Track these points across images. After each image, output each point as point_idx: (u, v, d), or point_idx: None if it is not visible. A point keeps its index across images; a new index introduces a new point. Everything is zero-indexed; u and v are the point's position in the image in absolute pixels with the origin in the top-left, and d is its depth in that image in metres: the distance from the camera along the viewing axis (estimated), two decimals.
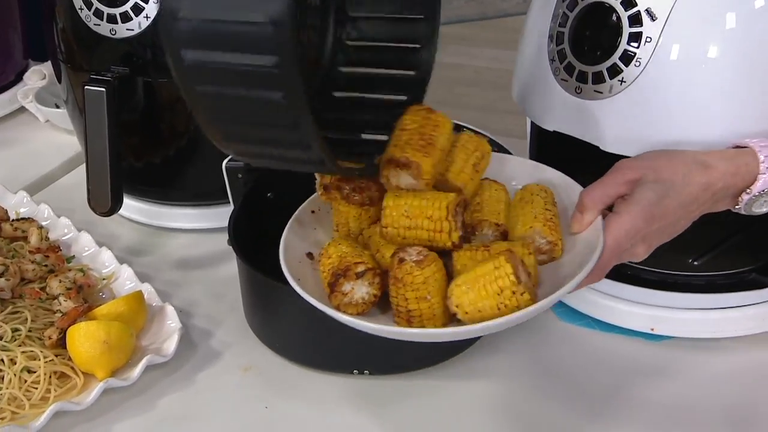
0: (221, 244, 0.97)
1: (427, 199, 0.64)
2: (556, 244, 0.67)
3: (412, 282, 0.61)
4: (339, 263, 0.64)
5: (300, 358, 0.83)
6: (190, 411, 0.79)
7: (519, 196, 0.72)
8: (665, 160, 0.67)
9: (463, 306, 0.61)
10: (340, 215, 0.69)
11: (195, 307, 0.91)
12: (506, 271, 0.60)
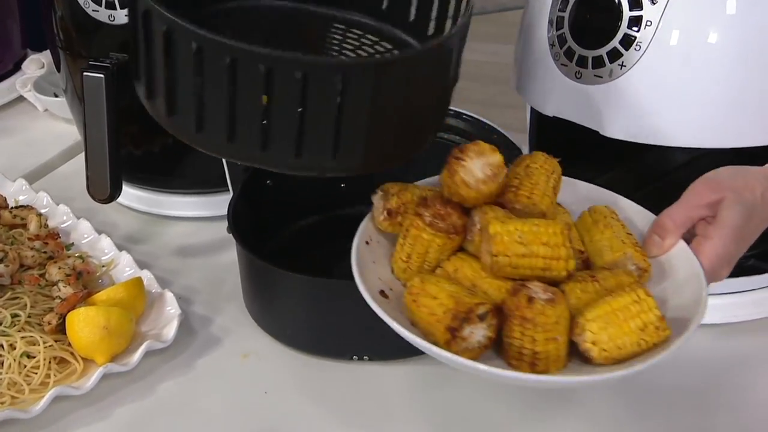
0: (220, 232, 0.97)
1: (537, 225, 0.60)
2: (646, 270, 0.65)
3: (544, 323, 0.56)
4: (456, 305, 0.57)
5: (299, 344, 0.83)
6: (190, 396, 0.79)
7: (591, 220, 0.68)
8: (741, 179, 0.66)
9: (600, 343, 0.57)
10: (420, 244, 0.63)
11: (194, 294, 0.91)
12: (650, 305, 0.58)
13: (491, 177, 0.62)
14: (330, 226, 0.99)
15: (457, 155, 0.62)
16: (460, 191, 0.63)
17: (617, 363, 0.58)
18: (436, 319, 0.58)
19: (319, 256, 0.95)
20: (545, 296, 0.57)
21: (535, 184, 0.66)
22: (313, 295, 0.81)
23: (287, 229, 0.98)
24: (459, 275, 0.63)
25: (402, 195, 0.66)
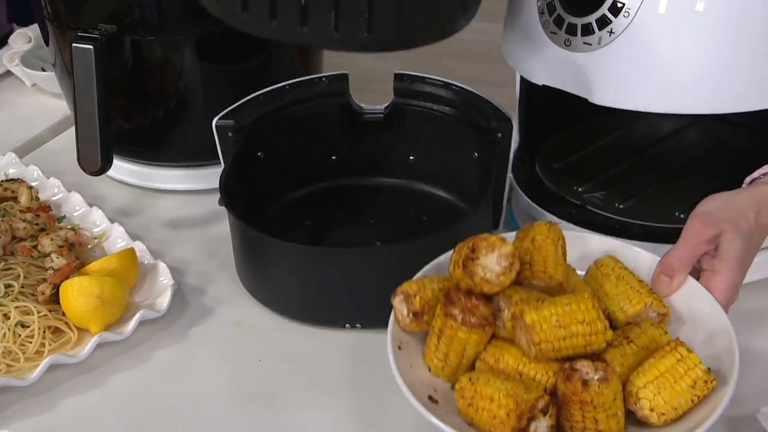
0: (212, 204, 0.97)
1: (568, 304, 0.61)
2: (666, 315, 0.67)
3: (603, 402, 0.57)
4: (517, 405, 0.57)
5: (293, 313, 0.84)
6: (184, 364, 0.80)
7: (600, 274, 0.69)
8: (733, 209, 0.69)
9: (658, 408, 0.59)
10: (457, 343, 0.63)
11: (187, 265, 0.92)
12: (694, 361, 0.60)
13: (508, 267, 0.63)
14: (321, 197, 1.00)
15: (471, 255, 0.63)
16: (483, 289, 0.64)
17: (674, 422, 0.60)
18: (500, 421, 0.59)
19: (311, 227, 0.96)
20: (597, 376, 0.58)
21: (546, 257, 0.68)
22: (306, 264, 0.82)
23: (278, 201, 0.99)
24: (502, 365, 0.63)
25: (423, 294, 0.67)
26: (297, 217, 0.97)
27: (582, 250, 0.72)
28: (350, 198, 1.00)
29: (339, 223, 0.98)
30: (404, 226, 0.96)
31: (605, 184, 0.90)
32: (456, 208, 0.97)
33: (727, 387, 0.60)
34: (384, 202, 1.00)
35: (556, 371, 0.60)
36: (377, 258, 0.81)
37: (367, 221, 0.97)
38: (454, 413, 0.61)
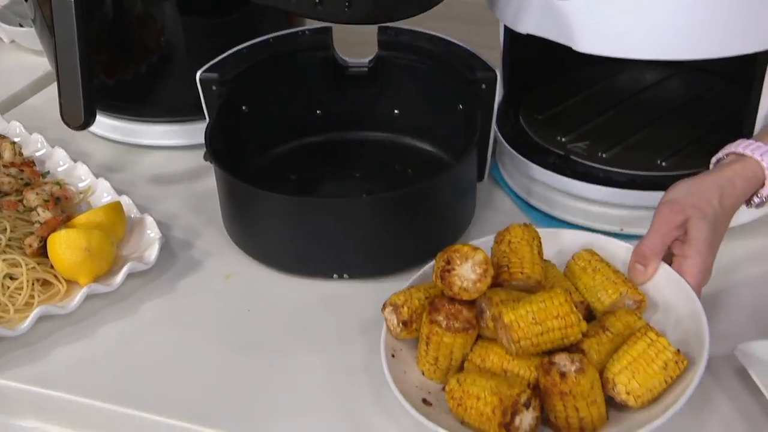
0: (197, 160, 0.97)
1: (542, 301, 0.64)
2: (642, 302, 0.70)
3: (581, 391, 0.60)
4: (501, 401, 0.60)
5: (281, 264, 0.85)
6: (174, 315, 0.80)
7: (578, 267, 0.73)
8: (698, 195, 0.71)
9: (634, 391, 0.61)
10: (444, 347, 0.66)
11: (173, 220, 0.92)
12: (663, 344, 0.63)
13: (483, 274, 0.67)
14: (306, 152, 1.00)
15: (446, 268, 0.67)
16: (462, 296, 0.67)
17: (651, 403, 0.62)
18: (487, 418, 0.61)
19: (297, 181, 0.97)
20: (574, 367, 0.61)
21: (522, 258, 0.71)
22: (293, 215, 0.83)
23: (263, 156, 0.99)
24: (488, 364, 0.66)
25: (410, 304, 0.70)
26: (282, 172, 0.97)
27: (559, 246, 0.76)
28: (335, 152, 1.01)
29: (324, 177, 0.98)
30: (390, 179, 0.97)
31: (588, 134, 0.92)
32: (441, 161, 0.97)
33: (698, 366, 0.62)
34: (369, 156, 1.00)
35: (537, 365, 0.64)
36: (364, 208, 0.82)
37: (352, 175, 0.98)
38: (448, 413, 0.64)
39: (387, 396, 0.68)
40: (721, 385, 0.67)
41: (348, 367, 0.73)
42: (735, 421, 0.65)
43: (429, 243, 0.83)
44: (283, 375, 0.73)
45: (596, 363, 0.64)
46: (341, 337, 0.77)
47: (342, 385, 0.71)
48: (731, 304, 0.76)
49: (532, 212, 0.91)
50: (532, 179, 0.90)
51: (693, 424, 0.64)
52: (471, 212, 0.89)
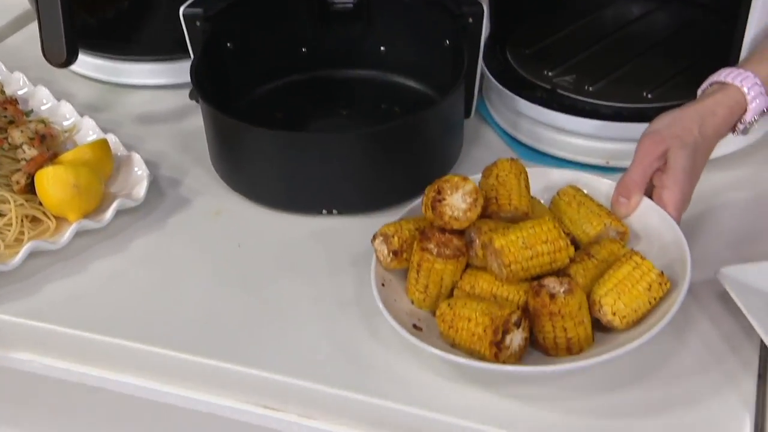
0: (182, 99, 0.97)
1: (531, 227, 0.66)
2: (625, 233, 0.72)
3: (570, 312, 0.62)
4: (492, 321, 0.62)
5: (269, 200, 0.86)
6: (164, 251, 0.81)
7: (563, 202, 0.74)
8: (678, 125, 0.72)
9: (620, 312, 0.63)
10: (435, 274, 0.68)
11: (161, 158, 0.92)
12: (648, 267, 0.65)
13: (473, 203, 0.68)
14: (292, 90, 1.00)
15: (437, 197, 0.68)
16: (453, 226, 0.68)
17: (635, 324, 0.64)
18: (478, 338, 0.63)
19: (283, 119, 0.97)
20: (563, 288, 0.62)
21: (510, 190, 0.73)
22: (281, 150, 0.83)
23: (249, 95, 0.99)
24: (477, 290, 0.68)
25: (401, 234, 0.71)
26: (268, 110, 0.97)
27: (545, 183, 0.77)
28: (322, 90, 1.01)
29: (311, 115, 0.98)
30: (377, 116, 0.97)
31: (575, 68, 0.92)
32: (428, 98, 0.98)
33: (681, 288, 0.64)
34: (356, 94, 1.00)
35: (526, 290, 0.65)
36: (351, 143, 0.82)
37: (339, 112, 0.98)
38: (437, 338, 0.66)
39: (378, 325, 0.70)
40: (703, 308, 0.69)
41: (338, 299, 0.74)
42: (716, 342, 0.67)
43: (417, 178, 0.84)
44: (274, 307, 0.74)
45: (582, 287, 0.66)
46: (331, 270, 0.78)
47: (333, 316, 0.73)
48: (713, 231, 0.78)
49: (518, 147, 0.92)
50: (519, 114, 0.91)
51: (675, 344, 0.66)
52: (458, 148, 0.90)
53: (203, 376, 0.71)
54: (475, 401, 0.64)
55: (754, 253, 0.74)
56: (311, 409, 0.68)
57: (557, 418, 0.62)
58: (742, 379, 0.64)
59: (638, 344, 0.61)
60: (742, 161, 0.85)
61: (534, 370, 0.63)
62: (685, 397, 0.63)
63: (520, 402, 0.63)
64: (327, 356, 0.69)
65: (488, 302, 0.65)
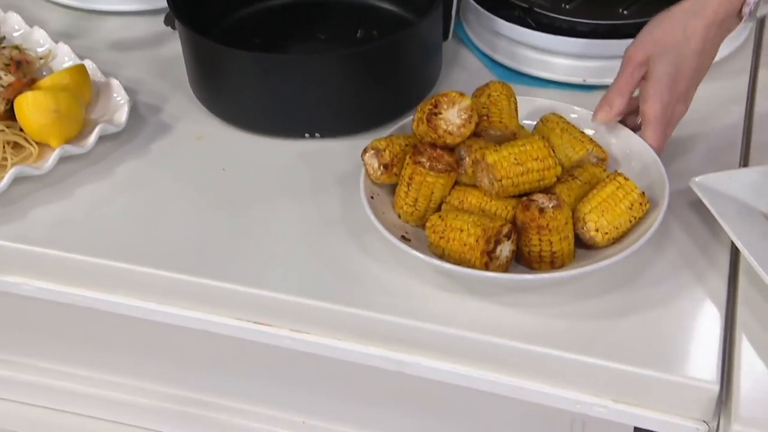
0: (157, 25, 0.97)
1: (523, 145, 0.68)
2: (605, 159, 0.74)
3: (557, 226, 0.65)
4: (484, 231, 0.64)
5: (251, 125, 0.86)
6: (149, 176, 0.82)
7: (546, 129, 0.76)
8: (660, 28, 0.71)
9: (602, 228, 0.66)
10: (426, 188, 0.69)
11: (139, 85, 0.92)
12: (630, 187, 0.67)
13: (468, 120, 0.70)
14: (268, 16, 0.99)
15: (434, 111, 0.69)
16: (446, 140, 0.70)
17: (616, 242, 0.67)
18: (470, 247, 0.65)
19: (261, 45, 0.96)
20: (552, 204, 0.65)
21: (501, 109, 0.74)
22: (261, 73, 0.83)
23: (224, 21, 0.98)
24: (466, 205, 0.70)
25: (392, 148, 0.72)
26: (245, 36, 0.97)
27: (530, 109, 0.79)
28: (298, 16, 1.00)
29: (289, 40, 0.98)
30: (355, 40, 0.97)
31: None
32: (406, 21, 0.98)
33: (660, 207, 0.67)
34: (334, 18, 1.00)
35: (514, 206, 0.68)
36: (331, 65, 0.83)
37: (317, 37, 0.98)
38: (426, 249, 0.68)
39: (366, 241, 0.72)
40: (677, 217, 0.72)
41: (326, 218, 0.76)
42: (688, 246, 0.70)
43: (397, 101, 0.86)
44: (262, 228, 0.76)
45: (567, 205, 0.68)
46: (317, 191, 0.79)
47: (321, 233, 0.74)
48: (689, 145, 0.80)
49: (497, 68, 0.93)
50: (497, 34, 0.92)
51: (652, 252, 0.70)
52: (437, 70, 0.91)
53: (195, 295, 0.72)
54: (463, 309, 0.67)
55: (725, 162, 0.77)
56: (303, 324, 0.71)
57: (542, 322, 0.65)
58: (712, 278, 0.67)
59: (622, 257, 0.64)
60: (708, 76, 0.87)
61: (526, 278, 0.65)
62: (661, 298, 0.66)
63: (507, 309, 0.66)
64: (317, 272, 0.71)
65: (479, 215, 0.67)
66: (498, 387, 0.66)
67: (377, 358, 0.69)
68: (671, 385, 0.60)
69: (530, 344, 0.64)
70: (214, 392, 0.89)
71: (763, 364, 0.60)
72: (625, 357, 0.62)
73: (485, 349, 0.65)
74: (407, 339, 0.67)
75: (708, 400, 0.59)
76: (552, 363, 0.64)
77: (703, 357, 0.61)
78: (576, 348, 0.63)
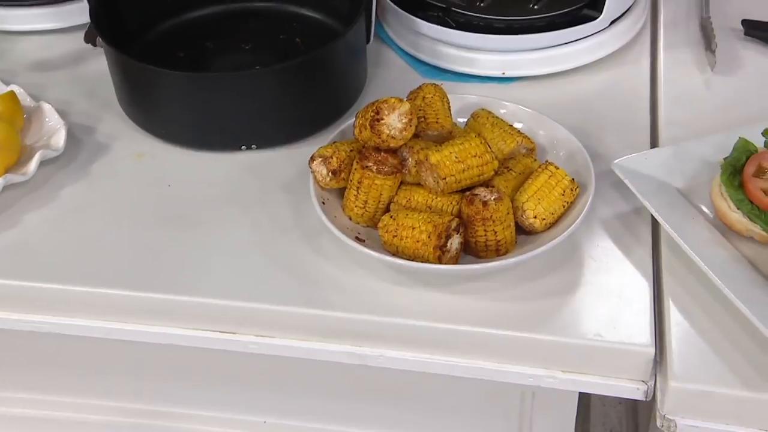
0: (76, 43, 0.98)
1: (461, 143, 0.74)
2: (533, 150, 0.82)
3: (500, 217, 0.72)
4: (435, 227, 0.71)
5: (188, 141, 0.89)
6: (94, 197, 0.84)
7: (477, 124, 0.83)
8: None
9: (540, 215, 0.74)
10: (374, 190, 0.75)
11: (68, 106, 0.93)
12: (561, 175, 0.75)
13: (408, 123, 0.75)
14: (189, 28, 1.02)
15: (376, 117, 0.75)
16: (390, 144, 0.76)
17: (552, 226, 0.75)
18: (423, 244, 0.71)
19: (186, 58, 0.99)
20: (494, 196, 0.72)
21: (436, 111, 0.81)
22: (191, 92, 0.86)
23: (145, 36, 1.00)
24: (413, 203, 0.76)
25: (338, 155, 0.78)
26: (168, 50, 0.99)
27: (459, 105, 0.86)
28: (220, 26, 1.03)
29: (214, 52, 1.01)
30: (279, 49, 1.01)
31: None
32: (326, 27, 1.02)
33: (588, 192, 0.76)
34: (256, 28, 1.03)
35: (458, 200, 0.75)
36: (258, 81, 0.85)
37: (241, 48, 1.01)
38: (379, 248, 0.74)
39: (320, 244, 0.77)
40: (600, 196, 0.80)
41: (277, 225, 0.80)
42: (614, 224, 0.78)
43: (329, 107, 0.90)
44: (216, 240, 0.79)
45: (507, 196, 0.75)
46: (265, 199, 0.83)
47: (275, 241, 0.79)
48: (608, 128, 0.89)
49: (421, 66, 0.99)
50: (418, 34, 0.98)
51: (584, 232, 0.77)
52: (364, 73, 0.96)
53: (157, 311, 0.76)
54: (419, 301, 0.73)
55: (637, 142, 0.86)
56: (268, 329, 0.75)
57: (492, 306, 0.72)
58: (638, 251, 0.76)
59: (559, 241, 0.72)
60: (602, 67, 0.96)
61: (478, 267, 0.72)
62: (596, 273, 0.74)
63: (460, 297, 0.73)
64: (276, 277, 0.75)
65: (428, 213, 0.74)
66: (456, 369, 0.73)
67: (342, 354, 0.74)
68: (612, 351, 0.69)
69: (483, 327, 0.71)
70: (171, 402, 0.92)
71: (688, 324, 0.69)
72: (569, 331, 0.70)
73: (442, 336, 0.72)
74: (369, 333, 0.73)
75: (645, 362, 0.68)
76: (504, 343, 0.71)
77: (637, 323, 0.70)
78: (525, 327, 0.70)
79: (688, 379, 0.65)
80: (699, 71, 0.95)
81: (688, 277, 0.72)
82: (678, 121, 0.89)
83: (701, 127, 0.86)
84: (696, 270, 0.71)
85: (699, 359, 0.66)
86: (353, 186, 0.76)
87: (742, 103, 0.90)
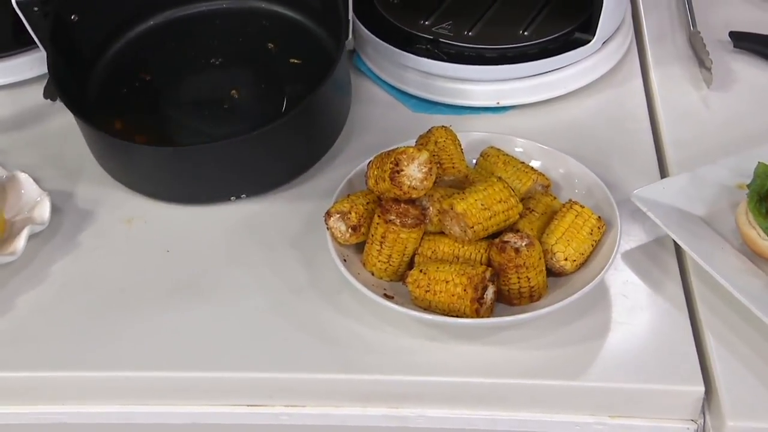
0: (32, 99, 0.97)
1: (485, 189, 0.77)
2: (549, 186, 0.85)
3: (532, 263, 0.75)
4: (470, 280, 0.73)
5: (177, 198, 0.90)
6: (87, 271, 0.83)
7: (491, 162, 0.86)
8: None
9: (570, 257, 0.77)
10: (399, 244, 0.78)
11: (36, 171, 0.91)
12: (588, 214, 0.79)
13: (429, 173, 0.78)
14: (152, 39, 1.02)
15: (395, 169, 0.77)
16: (411, 195, 0.78)
17: (582, 266, 0.78)
18: (458, 297, 0.74)
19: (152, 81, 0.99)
20: (525, 242, 0.75)
21: (451, 155, 0.85)
22: (172, 163, 0.88)
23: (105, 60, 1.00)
24: (439, 254, 0.79)
25: (357, 209, 0.80)
26: (132, 73, 0.99)
27: (465, 143, 0.88)
28: (182, 34, 1.03)
29: (181, 72, 1.01)
30: (253, 60, 1.01)
31: (447, 13, 1.03)
32: (297, 24, 1.03)
33: (615, 228, 0.80)
34: (221, 33, 1.03)
35: (485, 248, 0.78)
36: (241, 146, 0.86)
37: (211, 63, 1.01)
38: (409, 303, 0.77)
39: (341, 302, 0.79)
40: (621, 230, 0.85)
41: (292, 285, 0.81)
42: (640, 258, 0.83)
43: (315, 149, 0.92)
44: (230, 308, 0.80)
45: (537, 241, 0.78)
46: (272, 256, 0.84)
47: (292, 304, 0.80)
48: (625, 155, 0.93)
49: (409, 100, 1.02)
50: (405, 67, 1.01)
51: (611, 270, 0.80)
52: (347, 110, 0.97)
53: (181, 390, 0.76)
54: (457, 356, 0.76)
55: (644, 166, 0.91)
56: (298, 398, 0.77)
57: (531, 355, 0.75)
58: (668, 285, 0.80)
59: (596, 283, 0.75)
60: (594, 89, 1.01)
61: (518, 318, 0.74)
62: (630, 312, 0.78)
63: (496, 348, 0.76)
64: (301, 343, 0.77)
65: (459, 264, 0.76)
66: (500, 424, 0.76)
67: (380, 418, 0.76)
68: (659, 392, 0.73)
69: (525, 378, 0.74)
70: None
71: (732, 357, 0.74)
72: (613, 375, 0.74)
73: (484, 391, 0.75)
74: (407, 394, 0.75)
75: (694, 400, 0.72)
76: (548, 392, 0.75)
77: (681, 360, 0.74)
78: (567, 374, 0.74)
79: (744, 416, 0.70)
80: (694, 88, 1.01)
81: (722, 308, 0.77)
82: (682, 142, 0.94)
83: (707, 147, 0.92)
84: (729, 299, 0.76)
85: (750, 393, 0.71)
86: (376, 241, 0.79)
87: (743, 120, 0.97)
